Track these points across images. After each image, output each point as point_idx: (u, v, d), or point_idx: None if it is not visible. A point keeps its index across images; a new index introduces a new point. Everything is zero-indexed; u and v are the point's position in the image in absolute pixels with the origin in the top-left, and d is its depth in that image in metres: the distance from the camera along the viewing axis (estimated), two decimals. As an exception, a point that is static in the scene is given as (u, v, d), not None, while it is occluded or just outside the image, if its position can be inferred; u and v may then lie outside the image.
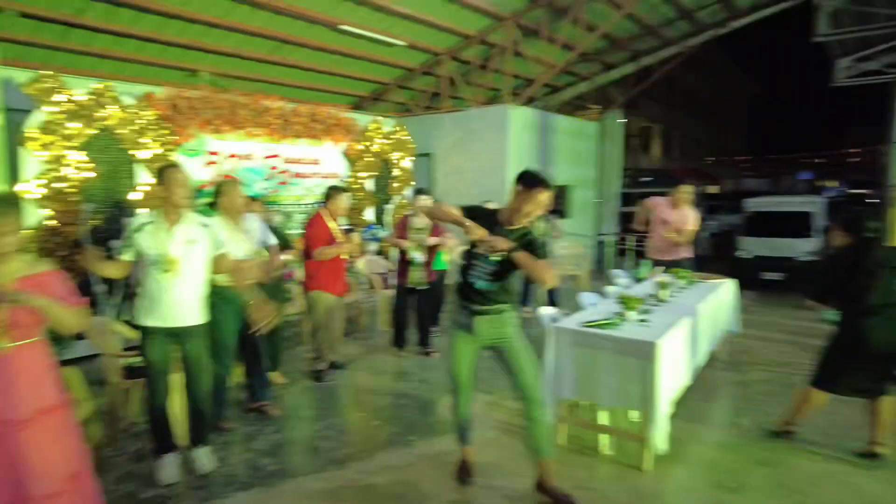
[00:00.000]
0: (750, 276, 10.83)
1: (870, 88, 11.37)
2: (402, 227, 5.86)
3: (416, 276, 5.91)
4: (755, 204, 12.31)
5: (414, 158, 9.24)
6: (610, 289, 5.60)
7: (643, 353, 4.08)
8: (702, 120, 36.29)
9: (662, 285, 5.40)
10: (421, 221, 5.84)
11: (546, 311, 4.62)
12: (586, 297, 5.12)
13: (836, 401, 4.57)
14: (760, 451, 4.60)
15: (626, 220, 14.28)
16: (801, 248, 10.29)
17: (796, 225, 11.17)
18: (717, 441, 4.72)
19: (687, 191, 6.55)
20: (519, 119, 9.99)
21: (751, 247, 11.12)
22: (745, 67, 39.07)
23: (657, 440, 4.10)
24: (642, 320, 4.60)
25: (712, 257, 12.17)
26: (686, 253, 6.59)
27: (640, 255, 10.64)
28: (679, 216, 6.57)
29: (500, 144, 9.88)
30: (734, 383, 5.85)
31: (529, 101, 12.21)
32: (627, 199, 15.09)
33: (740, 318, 6.84)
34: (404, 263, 5.92)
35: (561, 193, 10.48)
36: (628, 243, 11.98)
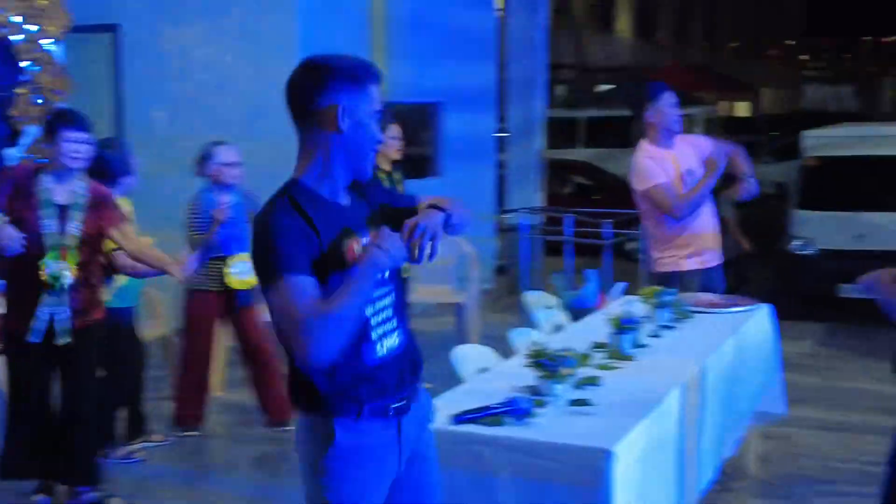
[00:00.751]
0: (813, 293, 9.68)
1: None
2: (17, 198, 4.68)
3: (58, 320, 4.73)
4: (823, 141, 10.96)
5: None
6: (524, 335, 4.96)
7: (584, 475, 3.31)
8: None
9: (630, 323, 4.65)
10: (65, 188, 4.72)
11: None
12: (468, 353, 4.51)
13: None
14: None
15: (561, 180, 13.83)
16: None
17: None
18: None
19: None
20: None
21: (814, 231, 9.67)
22: None
23: None
24: (580, 402, 3.76)
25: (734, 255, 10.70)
26: (718, 253, 5.99)
27: (590, 252, 9.95)
28: (679, 162, 5.80)
29: (284, 8, 8.09)
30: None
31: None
32: (566, 134, 15.19)
33: (785, 387, 5.79)
34: (22, 288, 4.70)
35: (404, 122, 7.26)
36: (577, 227, 10.93)
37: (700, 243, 5.79)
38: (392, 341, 2.69)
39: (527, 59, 12.27)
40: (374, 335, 2.63)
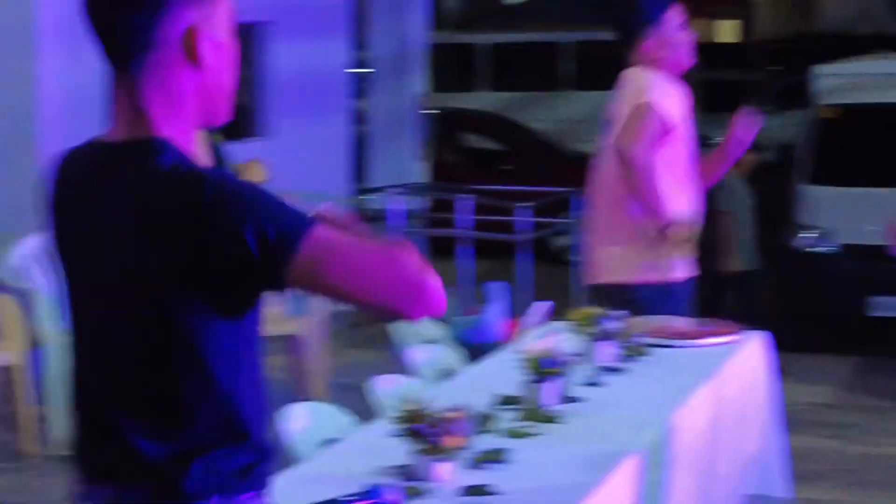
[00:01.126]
0: (832, 312, 10.34)
1: None
2: None
3: None
4: (845, 81, 11.92)
5: None
6: (392, 386, 5.24)
7: None
8: None
9: (561, 360, 4.84)
10: None
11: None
12: (308, 413, 4.82)
13: None
14: None
15: (452, 141, 14.38)
16: None
17: None
18: None
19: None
20: None
21: (833, 218, 10.32)
22: None
23: None
24: (477, 489, 3.90)
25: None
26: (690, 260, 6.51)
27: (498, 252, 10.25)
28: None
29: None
30: None
31: None
32: (460, 71, 15.67)
33: (790, 458, 6.13)
34: None
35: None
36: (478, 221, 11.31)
37: (669, 243, 6.10)
38: None
39: None
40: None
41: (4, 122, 9.09)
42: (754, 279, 9.80)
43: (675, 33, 6.18)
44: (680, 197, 6.20)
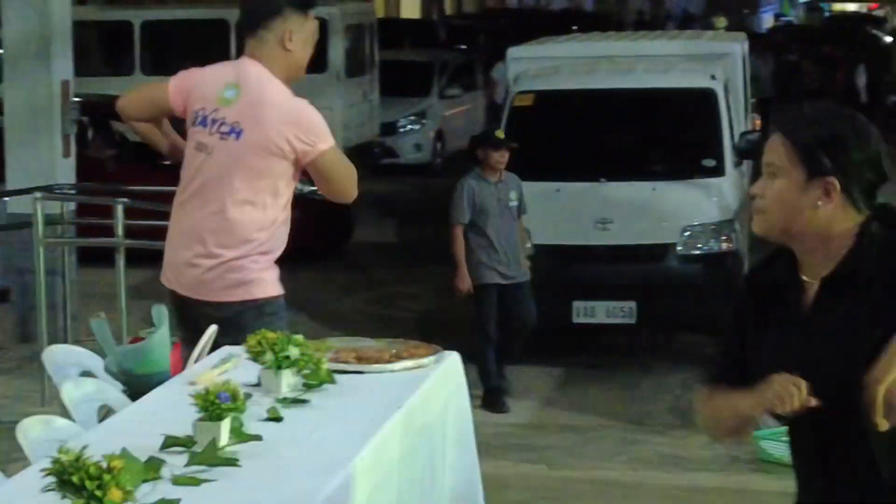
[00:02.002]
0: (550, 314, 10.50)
1: None
2: None
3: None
4: (536, 65, 12.50)
5: None
6: (41, 429, 5.13)
7: None
8: None
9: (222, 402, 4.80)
10: None
11: None
12: None
13: None
14: None
15: (104, 134, 15.29)
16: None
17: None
18: None
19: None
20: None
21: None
22: None
23: None
24: None
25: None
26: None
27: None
28: None
29: None
30: None
31: None
32: (113, 52, 17.43)
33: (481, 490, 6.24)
34: None
35: None
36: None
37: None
38: None
39: None
40: None
41: None
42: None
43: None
44: None
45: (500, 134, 9.99)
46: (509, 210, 9.82)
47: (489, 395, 9.47)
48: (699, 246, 10.48)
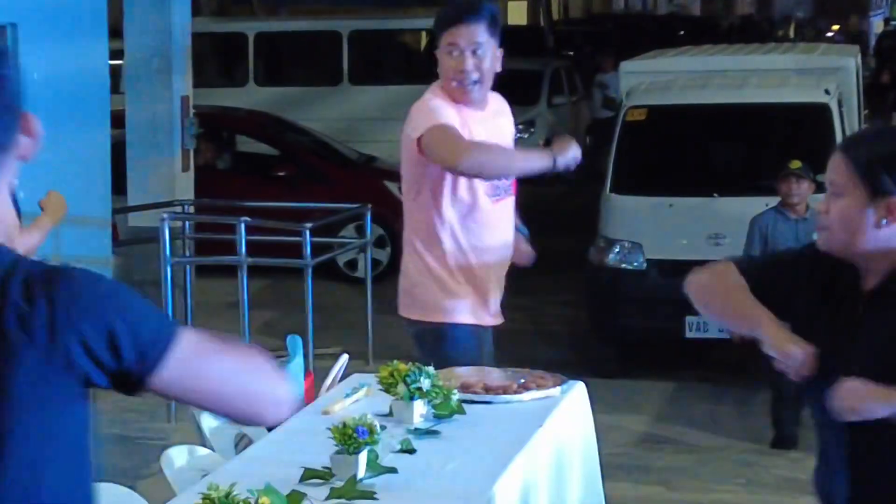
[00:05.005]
0: (642, 335, 10.83)
1: None
2: None
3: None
4: (650, 79, 12.46)
5: None
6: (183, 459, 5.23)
7: None
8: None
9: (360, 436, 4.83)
10: None
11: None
12: None
13: None
14: None
15: (217, 145, 15.09)
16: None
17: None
18: None
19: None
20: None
21: (639, 230, 10.78)
22: None
23: None
24: None
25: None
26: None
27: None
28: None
29: None
30: None
31: None
32: (227, 64, 15.62)
33: None
34: None
35: None
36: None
37: (488, 278, 6.30)
38: None
39: None
40: None
41: None
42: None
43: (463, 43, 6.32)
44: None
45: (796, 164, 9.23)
46: None
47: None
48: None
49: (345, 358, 6.09)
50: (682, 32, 29.41)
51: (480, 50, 6.06)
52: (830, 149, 11.11)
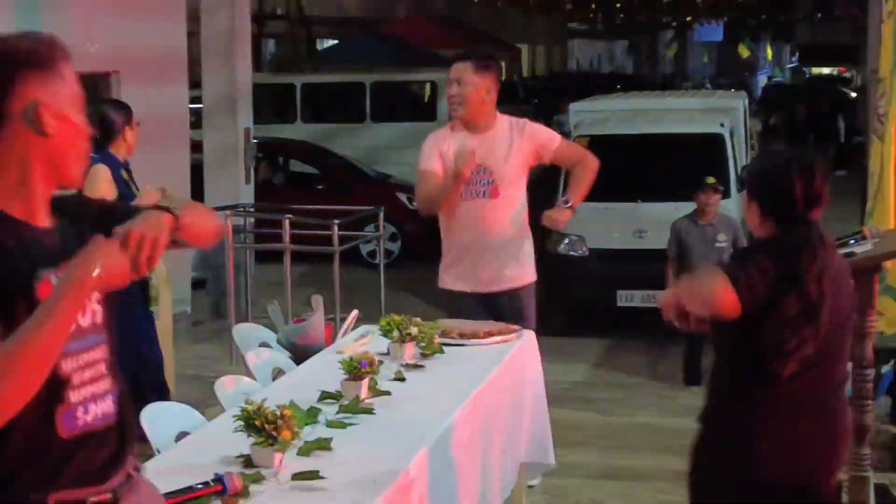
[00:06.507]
0: (585, 304, 10.70)
1: None
2: None
3: None
4: (592, 116, 12.56)
5: None
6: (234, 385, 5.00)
7: None
8: None
9: (361, 365, 4.77)
10: None
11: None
12: (159, 412, 4.64)
13: None
14: None
15: (273, 165, 14.73)
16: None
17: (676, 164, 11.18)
18: None
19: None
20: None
21: (585, 228, 10.45)
22: None
23: None
24: (307, 474, 3.84)
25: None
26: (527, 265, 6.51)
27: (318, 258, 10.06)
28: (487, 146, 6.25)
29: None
30: None
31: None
32: (280, 106, 16.00)
33: (550, 430, 6.07)
34: None
35: None
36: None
37: (469, 259, 6.19)
38: (101, 408, 2.57)
39: (224, 7, 12.30)
40: (74, 398, 2.48)
41: None
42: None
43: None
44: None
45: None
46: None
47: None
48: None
49: (355, 312, 6.00)
50: (619, 86, 29.33)
51: (463, 82, 5.94)
52: (725, 167, 11.18)
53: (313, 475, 3.65)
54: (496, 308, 6.17)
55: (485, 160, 6.01)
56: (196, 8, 11.68)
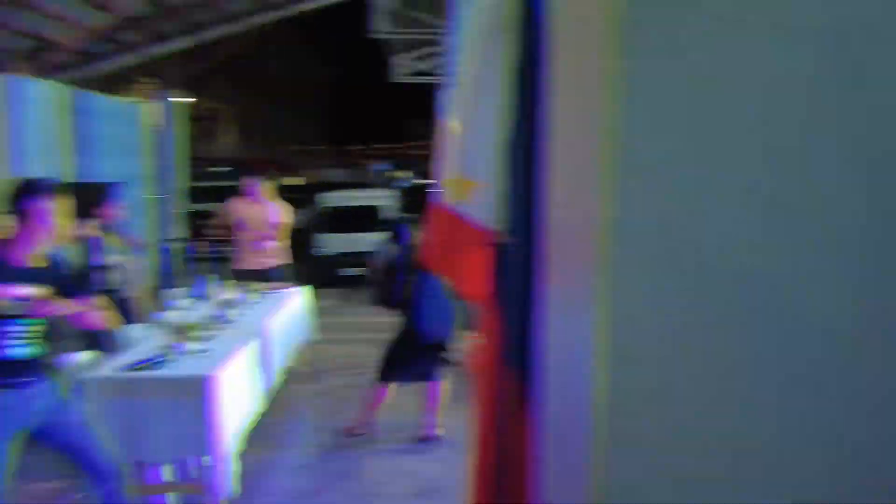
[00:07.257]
0: (330, 275, 17.48)
1: (427, 85, 18.50)
2: None
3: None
4: (329, 199, 19.60)
5: None
6: (165, 315, 7.07)
7: (195, 392, 4.92)
8: (283, 106, 50.56)
9: (229, 303, 7.39)
10: None
11: (82, 357, 5.54)
12: (130, 331, 6.23)
13: (402, 395, 7.31)
14: (339, 463, 6.79)
15: (197, 220, 17.00)
16: (371, 242, 12.96)
17: (367, 219, 17.43)
18: (297, 465, 6.80)
19: (265, 183, 9.28)
20: (38, 95, 10.05)
21: (329, 243, 17.83)
22: (325, 55, 57.45)
23: (224, 485, 5.18)
24: (201, 351, 5.77)
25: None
26: (280, 259, 9.25)
27: (219, 262, 11.88)
28: (259, 213, 9.02)
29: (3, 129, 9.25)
30: (313, 394, 8.70)
31: (54, 71, 14.72)
32: (198, 195, 18.35)
33: (317, 324, 9.54)
34: None
35: (105, 194, 9.20)
36: (200, 250, 15.52)
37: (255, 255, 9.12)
38: (18, 350, 4.01)
39: (172, 154, 14.20)
40: (5, 341, 3.97)
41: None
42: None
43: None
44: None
45: None
46: None
47: None
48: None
49: (215, 281, 8.36)
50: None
51: None
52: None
53: (203, 353, 5.50)
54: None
55: None
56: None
